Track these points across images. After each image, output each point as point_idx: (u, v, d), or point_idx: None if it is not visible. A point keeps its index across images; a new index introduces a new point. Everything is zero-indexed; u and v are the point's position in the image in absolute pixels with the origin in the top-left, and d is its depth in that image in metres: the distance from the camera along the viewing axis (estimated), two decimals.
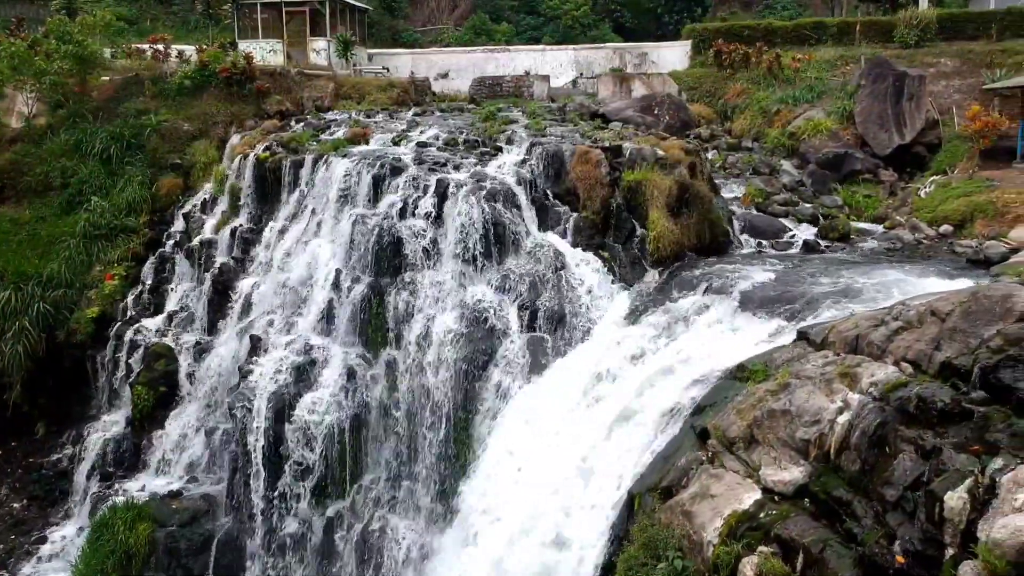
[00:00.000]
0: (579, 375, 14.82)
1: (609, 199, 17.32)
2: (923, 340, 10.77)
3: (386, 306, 16.89)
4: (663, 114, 23.74)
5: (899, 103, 23.05)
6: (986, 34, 27.31)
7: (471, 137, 20.24)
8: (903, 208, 20.58)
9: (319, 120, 23.39)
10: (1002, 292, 10.22)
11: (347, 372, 16.74)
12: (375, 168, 18.23)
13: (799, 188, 21.74)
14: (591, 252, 16.88)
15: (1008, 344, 9.45)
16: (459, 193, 17.03)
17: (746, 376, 12.85)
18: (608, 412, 14.01)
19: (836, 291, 14.95)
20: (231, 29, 30.47)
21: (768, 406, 11.37)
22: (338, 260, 17.80)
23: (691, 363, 14.17)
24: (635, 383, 14.21)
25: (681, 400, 13.49)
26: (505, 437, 14.76)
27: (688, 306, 15.55)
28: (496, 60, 32.72)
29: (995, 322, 10.03)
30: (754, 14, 55.46)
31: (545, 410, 14.59)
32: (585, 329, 15.71)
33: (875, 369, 10.83)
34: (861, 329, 12.04)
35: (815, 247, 18.22)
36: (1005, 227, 18.14)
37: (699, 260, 17.41)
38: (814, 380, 11.38)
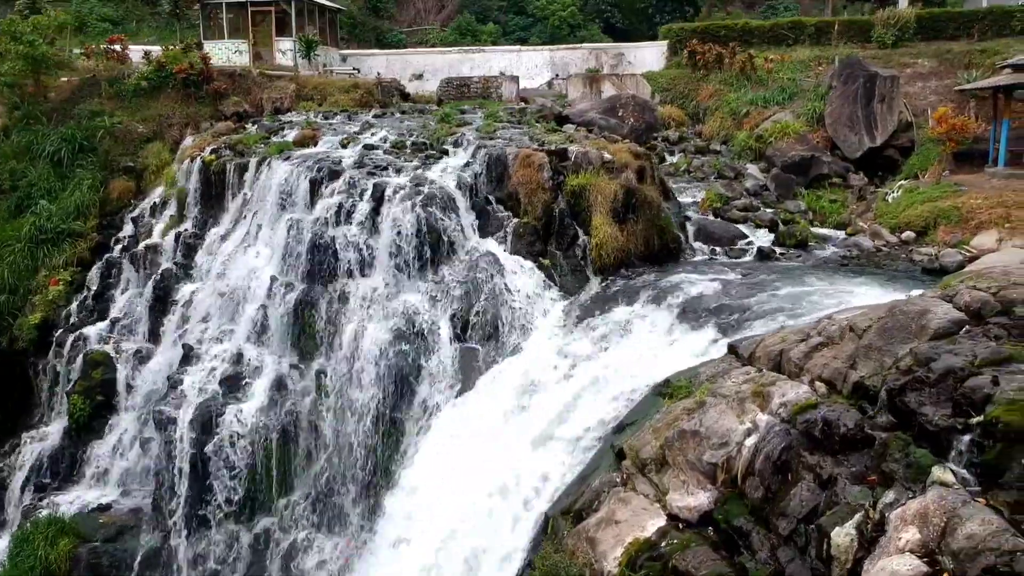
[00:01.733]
0: (508, 389, 14.21)
1: (551, 204, 16.70)
2: (840, 358, 10.12)
3: (317, 315, 16.31)
4: (627, 116, 23.06)
5: (870, 105, 22.31)
6: (967, 34, 26.50)
7: (420, 140, 19.65)
8: (867, 214, 19.86)
9: (274, 122, 22.85)
10: (918, 308, 9.54)
11: (277, 383, 16.19)
12: (313, 172, 17.66)
13: (762, 193, 21.04)
14: (530, 259, 16.25)
15: (917, 364, 8.78)
16: (395, 198, 16.44)
17: (671, 392, 12.21)
18: (533, 428, 13.39)
19: (776, 302, 14.30)
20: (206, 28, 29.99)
21: (680, 426, 10.73)
22: (273, 267, 17.26)
23: (621, 377, 13.54)
24: (563, 398, 13.60)
25: (606, 416, 12.89)
26: (431, 454, 14.17)
27: (625, 316, 14.94)
28: (472, 61, 32.12)
29: (910, 340, 9.37)
30: (756, 14, 54.74)
31: (472, 426, 13.99)
32: (519, 340, 15.10)
33: (787, 389, 10.17)
34: (786, 344, 11.39)
35: (769, 255, 17.54)
36: (967, 234, 17.42)
37: (646, 268, 16.79)
38: (728, 399, 10.74)
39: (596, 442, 12.62)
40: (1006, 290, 9.25)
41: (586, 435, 12.83)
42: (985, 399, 7.78)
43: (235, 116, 23.95)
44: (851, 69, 22.92)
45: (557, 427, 13.18)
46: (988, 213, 17.55)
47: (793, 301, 14.16)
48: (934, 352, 8.75)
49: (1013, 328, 8.73)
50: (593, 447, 12.58)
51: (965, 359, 8.41)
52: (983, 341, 8.69)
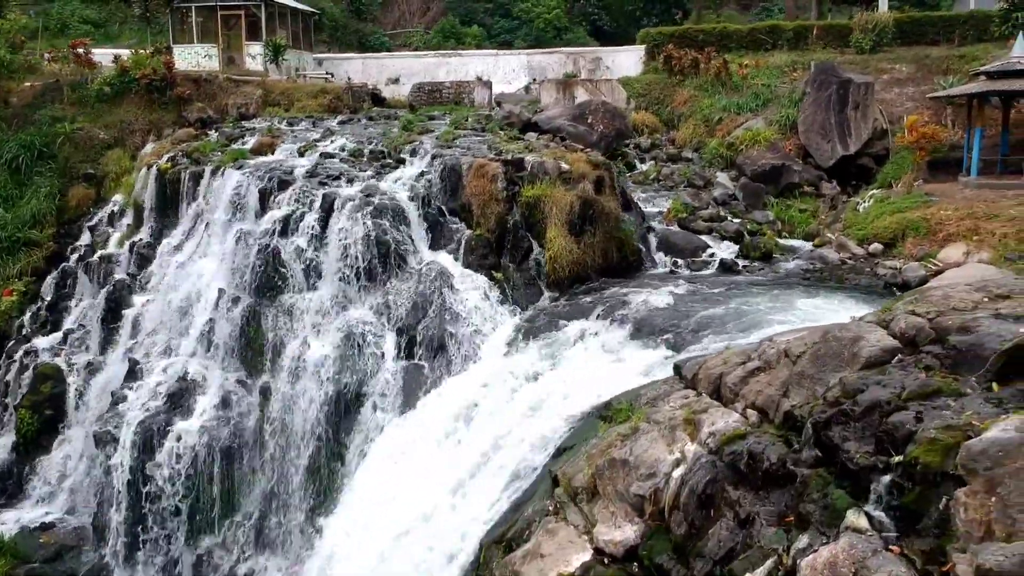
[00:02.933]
0: (451, 409, 13.75)
1: (506, 216, 16.24)
2: (774, 384, 9.65)
3: (264, 330, 15.87)
4: (596, 123, 22.59)
5: (843, 112, 21.84)
6: (947, 39, 26.01)
7: (378, 148, 19.20)
8: (836, 224, 19.39)
9: (236, 129, 22.42)
10: (851, 335, 9.06)
11: (223, 400, 15.75)
12: (263, 182, 17.23)
13: (731, 202, 20.58)
14: (482, 273, 15.80)
15: (844, 396, 8.30)
16: (344, 209, 16.00)
17: (611, 415, 11.76)
18: (473, 451, 12.95)
19: (729, 319, 13.86)
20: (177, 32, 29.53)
21: (611, 454, 10.28)
22: (222, 279, 16.82)
23: (567, 397, 13.08)
24: (506, 419, 13.14)
25: (548, 439, 12.43)
26: (371, 476, 13.72)
27: (576, 333, 14.48)
28: (448, 65, 31.67)
29: (842, 368, 8.89)
30: (751, 16, 54.26)
31: (413, 447, 13.53)
32: (466, 357, 14.63)
33: (718, 417, 9.71)
34: (726, 367, 10.91)
35: (732, 267, 17.09)
36: (935, 246, 16.96)
37: (603, 281, 16.33)
38: (661, 426, 10.29)
39: (536, 466, 12.17)
40: (943, 316, 8.77)
41: (527, 459, 12.38)
42: (907, 437, 7.31)
43: (198, 122, 23.51)
44: (825, 75, 22.45)
45: (498, 450, 12.73)
46: (957, 225, 17.09)
47: (745, 318, 13.72)
48: (862, 383, 8.28)
49: (946, 358, 8.25)
50: (532, 472, 12.12)
51: (892, 392, 7.93)
52: (913, 372, 8.21)
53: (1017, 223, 16.58)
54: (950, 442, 6.96)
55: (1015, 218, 16.81)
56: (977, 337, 8.18)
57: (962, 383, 7.92)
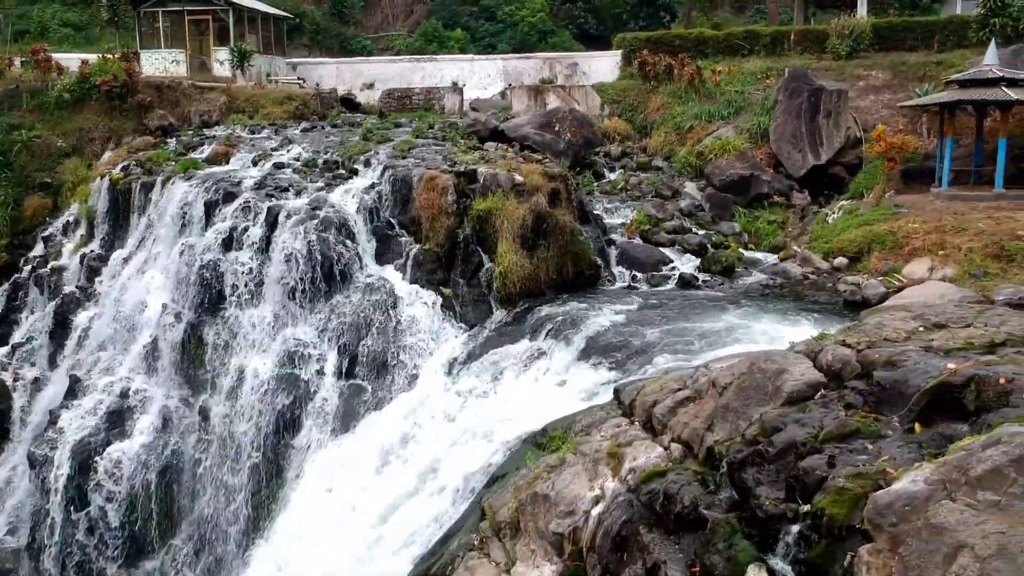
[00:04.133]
0: (389, 432, 13.29)
1: (456, 230, 15.76)
2: (700, 417, 9.16)
3: (206, 347, 15.41)
4: (564, 131, 22.10)
5: (814, 120, 21.34)
6: (926, 44, 25.48)
7: (333, 158, 18.72)
8: (802, 237, 18.89)
9: (196, 136, 21.96)
10: (777, 366, 8.57)
11: (163, 419, 15.30)
12: (209, 193, 16.76)
13: (697, 213, 20.07)
14: (430, 289, 15.34)
15: (762, 434, 7.82)
16: (288, 223, 15.53)
17: (545, 443, 11.29)
18: (410, 477, 12.47)
19: (680, 338, 13.37)
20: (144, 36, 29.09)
21: (535, 488, 9.80)
22: (166, 294, 16.37)
23: (506, 421, 12.61)
24: (444, 443, 12.67)
25: (484, 466, 11.96)
26: (303, 501, 13.26)
27: (522, 352, 14.01)
28: (423, 70, 31.20)
29: (765, 402, 8.41)
30: (746, 18, 53.69)
31: (348, 472, 13.07)
32: (409, 377, 14.18)
33: (641, 451, 9.22)
34: (660, 395, 10.42)
35: (691, 282, 16.60)
36: (900, 261, 16.44)
37: (557, 297, 15.84)
38: (587, 459, 9.81)
39: (469, 495, 11.70)
40: (872, 348, 8.29)
41: (461, 486, 11.91)
42: (818, 484, 6.82)
43: (159, 130, 23.06)
44: (796, 83, 21.95)
45: (432, 476, 12.28)
46: (923, 239, 16.57)
47: (696, 338, 13.23)
48: (780, 421, 7.80)
49: (869, 395, 7.76)
50: (465, 501, 11.66)
51: (809, 432, 7.45)
52: (835, 410, 7.73)
53: (984, 237, 16.07)
54: (859, 492, 6.48)
55: (983, 232, 16.29)
56: (902, 373, 7.70)
57: (883, 423, 7.44)
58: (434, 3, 46.70)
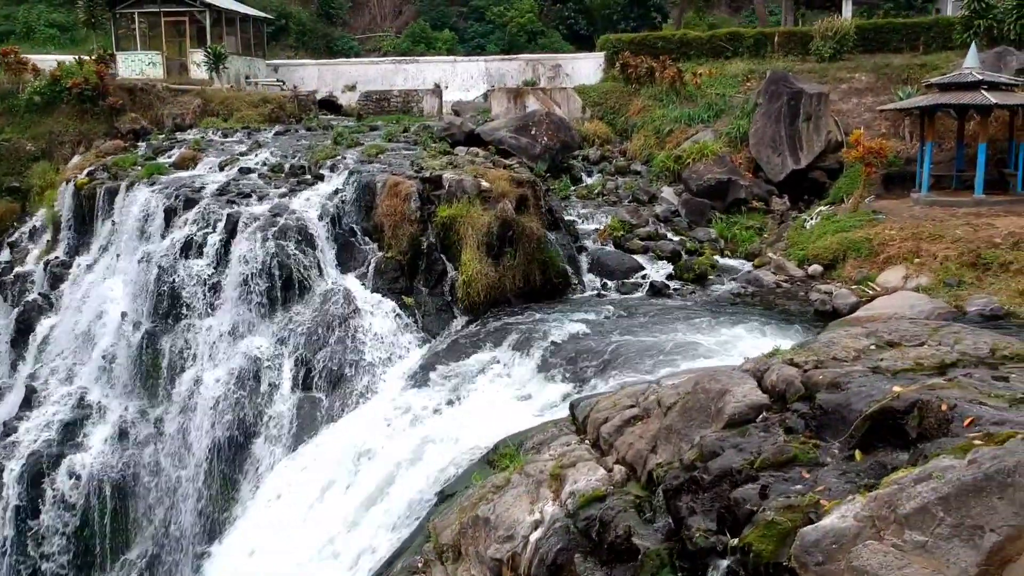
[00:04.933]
0: (342, 447, 12.93)
1: (419, 237, 15.42)
2: (645, 437, 8.83)
3: (162, 357, 15.06)
4: (540, 134, 21.73)
5: (794, 124, 20.96)
6: (911, 46, 25.10)
7: (300, 163, 18.37)
8: (778, 243, 18.52)
9: (167, 140, 21.59)
10: (720, 387, 8.21)
11: (119, 430, 14.94)
12: (170, 199, 16.41)
13: (673, 219, 19.71)
14: (392, 298, 14.99)
15: (700, 459, 7.48)
16: (247, 230, 15.18)
17: (496, 460, 10.94)
18: (362, 494, 12.12)
19: (643, 350, 13.01)
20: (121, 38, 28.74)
21: (478, 510, 9.44)
22: (126, 302, 16.02)
23: (461, 437, 12.25)
24: (397, 459, 12.30)
25: (436, 484, 11.61)
26: (256, 516, 12.91)
27: (483, 364, 13.67)
28: (405, 72, 30.84)
29: (707, 424, 8.06)
30: (741, 18, 53.31)
31: (300, 487, 12.72)
32: (366, 388, 13.82)
33: (583, 473, 8.86)
34: (611, 412, 10.09)
35: (662, 290, 16.23)
36: (875, 269, 16.09)
37: (523, 306, 15.52)
38: (531, 480, 9.44)
39: (421, 512, 11.34)
40: (817, 369, 7.92)
41: (412, 505, 11.56)
42: (748, 515, 6.48)
43: (131, 133, 22.69)
44: (776, 86, 21.58)
45: (383, 494, 11.91)
46: (899, 246, 16.21)
47: (659, 350, 12.88)
48: (719, 446, 7.45)
49: (811, 419, 7.41)
50: (415, 520, 11.30)
51: (746, 458, 7.10)
52: (775, 434, 7.38)
53: (961, 245, 15.72)
54: (787, 527, 6.13)
55: (960, 239, 15.93)
56: (845, 396, 7.34)
57: (823, 450, 7.08)
58: (423, 4, 46.33)
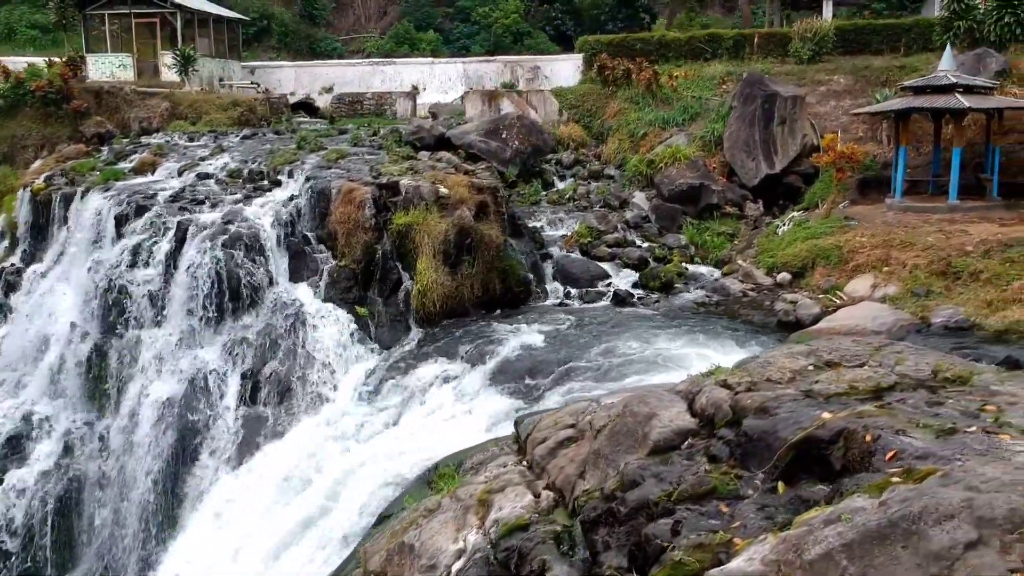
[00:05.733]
0: (285, 465, 12.52)
1: (374, 245, 15.00)
2: (576, 461, 8.40)
3: (109, 368, 14.66)
4: (511, 138, 21.29)
5: (768, 127, 20.55)
6: (892, 48, 24.67)
7: (259, 168, 17.95)
8: (749, 250, 18.10)
9: (130, 145, 21.18)
10: (648, 410, 7.79)
11: (65, 444, 14.54)
12: (121, 206, 16.01)
13: (644, 225, 19.29)
14: (344, 308, 14.57)
15: (621, 488, 7.06)
16: (196, 238, 14.77)
17: (436, 481, 10.53)
18: (301, 513, 11.71)
19: (599, 362, 12.61)
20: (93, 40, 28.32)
21: (405, 536, 9.01)
22: (75, 311, 15.61)
23: (406, 454, 11.85)
24: (339, 476, 11.90)
25: (376, 504, 11.20)
26: (196, 535, 12.50)
27: (434, 377, 13.25)
28: (383, 73, 30.43)
29: (634, 449, 7.63)
30: (735, 19, 52.86)
31: (241, 506, 12.31)
32: (313, 403, 13.40)
33: (510, 499, 8.43)
34: (551, 431, 9.67)
35: (626, 300, 15.82)
36: (844, 278, 15.67)
37: (481, 316, 15.13)
38: (462, 504, 9.01)
39: (358, 537, 10.93)
40: (746, 393, 7.50)
41: (350, 526, 11.16)
42: (659, 553, 6.06)
43: (96, 137, 22.28)
44: (751, 88, 21.17)
45: (325, 514, 11.50)
46: (869, 254, 15.79)
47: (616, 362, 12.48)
48: (640, 474, 7.04)
49: (737, 447, 6.99)
50: (352, 542, 10.89)
51: (665, 490, 6.69)
52: (698, 462, 6.96)
53: (932, 252, 15.29)
54: (695, 568, 5.70)
55: (931, 247, 15.51)
56: (772, 422, 6.91)
57: (745, 481, 6.66)
58: (407, 5, 45.91)
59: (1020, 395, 7.03)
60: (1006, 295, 13.37)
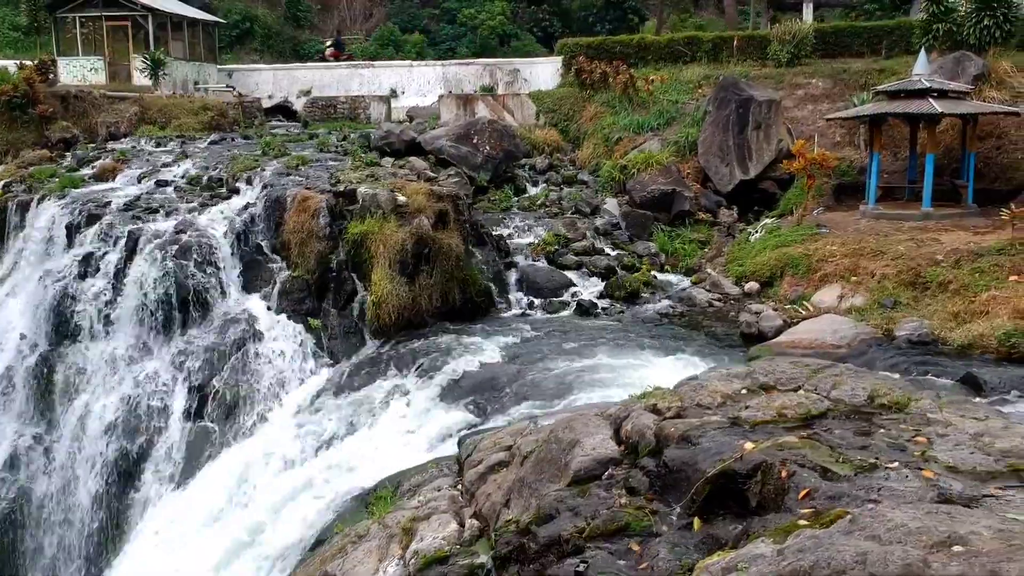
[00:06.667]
0: (226, 481, 12.16)
1: (328, 255, 14.65)
2: (503, 488, 8.04)
3: (57, 381, 14.30)
4: (482, 143, 20.92)
5: (742, 133, 20.18)
6: (873, 50, 24.30)
7: (219, 175, 17.58)
8: (719, 258, 17.74)
9: (95, 151, 20.82)
10: (572, 436, 7.45)
11: (10, 460, 14.17)
12: (74, 215, 15.65)
13: (614, 232, 18.92)
14: (297, 319, 14.22)
15: (536, 521, 6.70)
16: (146, 248, 14.42)
17: (373, 503, 10.16)
18: (238, 533, 11.34)
19: (547, 378, 12.25)
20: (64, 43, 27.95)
21: (328, 565, 8.66)
22: (25, 322, 15.25)
23: (347, 475, 11.47)
24: (279, 496, 11.52)
25: (311, 526, 10.83)
26: (136, 556, 12.14)
27: (385, 392, 12.90)
28: (361, 77, 30.04)
29: (557, 478, 7.28)
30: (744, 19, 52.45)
31: (180, 526, 11.95)
32: (261, 418, 13.04)
33: (433, 528, 8.06)
34: (488, 453, 9.32)
35: (590, 309, 15.46)
36: (812, 287, 15.31)
37: (440, 327, 14.72)
38: (386, 532, 8.65)
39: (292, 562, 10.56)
40: (671, 420, 7.14)
41: (286, 548, 10.79)
42: None
43: (62, 143, 21.92)
44: (726, 92, 20.81)
45: (260, 534, 11.13)
46: (838, 263, 15.43)
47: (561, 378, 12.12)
48: (556, 507, 6.69)
49: (657, 478, 6.64)
50: (287, 569, 10.52)
51: (578, 525, 6.34)
52: (616, 494, 6.60)
53: (902, 261, 14.92)
54: None
55: (901, 256, 15.14)
56: (693, 453, 6.55)
57: (661, 516, 6.29)
58: (393, 6, 45.56)
59: (955, 423, 6.68)
60: (973, 307, 13.01)
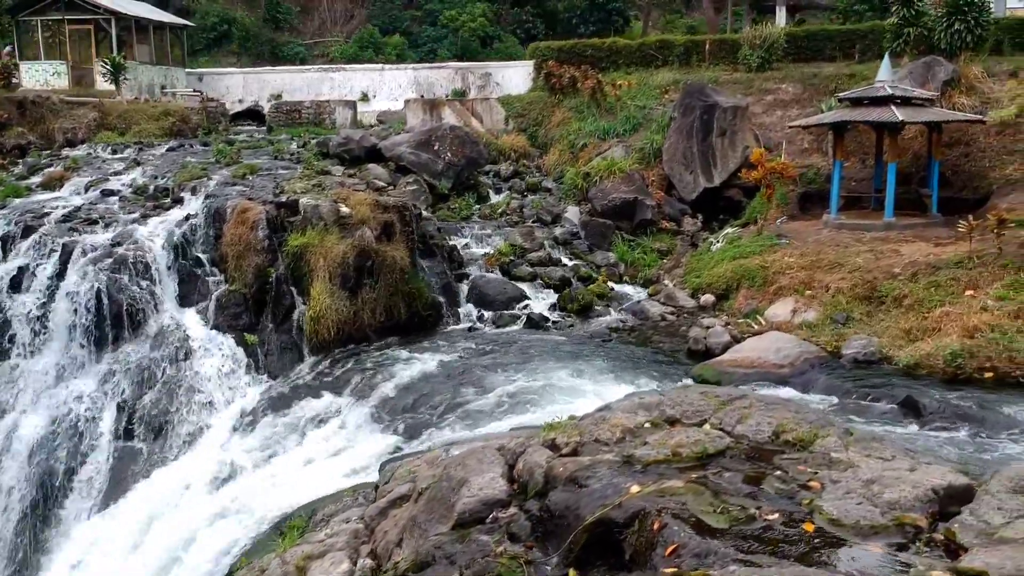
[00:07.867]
0: (149, 505, 11.75)
1: (267, 269, 14.23)
2: (400, 524, 7.63)
3: None
4: (444, 150, 20.49)
5: (707, 139, 19.77)
6: (846, 55, 23.91)
7: (166, 184, 17.17)
8: (676, 269, 17.33)
9: (48, 158, 20.42)
10: (462, 474, 7.03)
11: None
12: (9, 226, 15.23)
13: (573, 241, 18.51)
14: (232, 335, 13.81)
15: (413, 568, 6.30)
16: (80, 261, 14.00)
17: (286, 533, 9.75)
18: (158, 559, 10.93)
19: (482, 399, 11.84)
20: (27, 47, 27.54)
21: None
22: None
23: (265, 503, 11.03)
24: (198, 522, 11.10)
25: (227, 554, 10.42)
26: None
27: (314, 413, 12.48)
28: (332, 80, 29.66)
29: (444, 519, 6.86)
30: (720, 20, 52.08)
31: (101, 554, 11.53)
32: (190, 438, 12.62)
33: (324, 568, 7.65)
34: (399, 484, 8.91)
35: (539, 324, 15.06)
36: (766, 301, 14.92)
37: (382, 343, 14.36)
38: (282, 570, 8.24)
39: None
40: (563, 459, 6.73)
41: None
42: None
43: (16, 149, 21.47)
44: (691, 98, 20.39)
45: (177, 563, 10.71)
46: (794, 276, 15.03)
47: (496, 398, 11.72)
48: (433, 554, 6.29)
49: (539, 523, 6.23)
50: None
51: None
52: (496, 540, 6.19)
53: (858, 275, 14.52)
54: None
55: (859, 268, 14.75)
56: (577, 497, 6.14)
57: (536, 567, 5.88)
58: (374, 8, 45.13)
59: (858, 463, 6.26)
60: (926, 323, 12.61)
